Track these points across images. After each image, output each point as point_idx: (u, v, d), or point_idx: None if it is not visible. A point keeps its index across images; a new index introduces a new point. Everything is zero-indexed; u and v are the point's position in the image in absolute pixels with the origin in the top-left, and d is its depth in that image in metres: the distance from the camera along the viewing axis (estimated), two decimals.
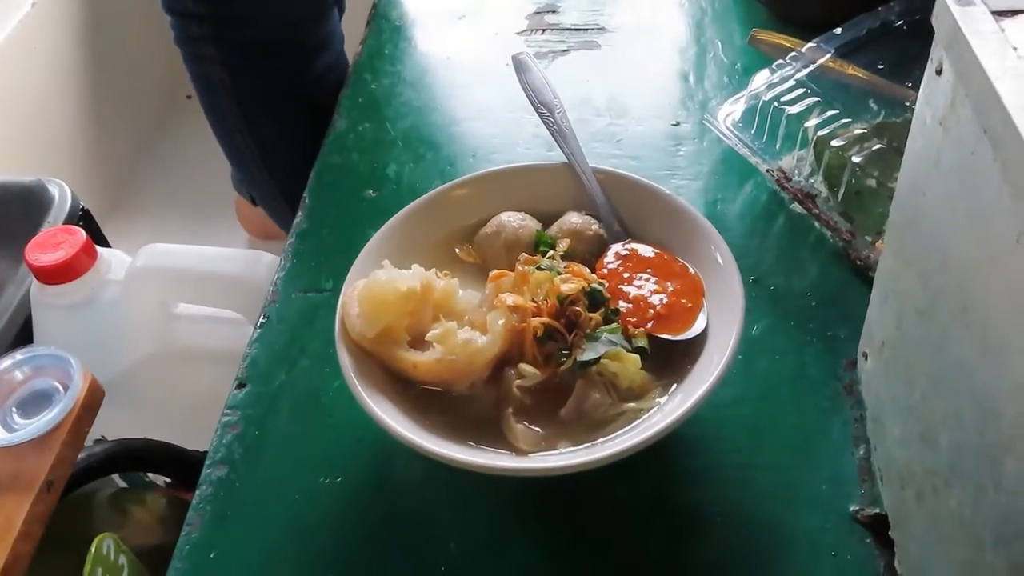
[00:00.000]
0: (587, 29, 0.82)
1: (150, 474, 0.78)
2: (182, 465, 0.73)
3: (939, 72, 0.33)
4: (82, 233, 0.71)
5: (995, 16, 0.31)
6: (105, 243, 0.89)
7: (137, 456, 0.70)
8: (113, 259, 0.73)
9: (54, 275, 0.69)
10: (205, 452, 0.75)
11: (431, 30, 0.84)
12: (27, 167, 1.15)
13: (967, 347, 0.31)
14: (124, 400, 0.67)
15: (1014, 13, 0.31)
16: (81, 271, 0.70)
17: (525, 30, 0.82)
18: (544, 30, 0.82)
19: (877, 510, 0.44)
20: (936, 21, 0.33)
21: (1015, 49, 0.30)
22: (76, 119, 1.40)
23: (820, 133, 0.55)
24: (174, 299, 0.76)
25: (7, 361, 0.59)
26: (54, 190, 0.81)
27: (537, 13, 0.84)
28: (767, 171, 0.59)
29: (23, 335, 0.74)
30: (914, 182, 0.38)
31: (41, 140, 1.31)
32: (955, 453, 0.33)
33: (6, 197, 0.78)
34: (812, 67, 0.59)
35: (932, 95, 0.35)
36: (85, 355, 0.60)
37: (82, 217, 0.84)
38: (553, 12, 0.84)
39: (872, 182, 0.56)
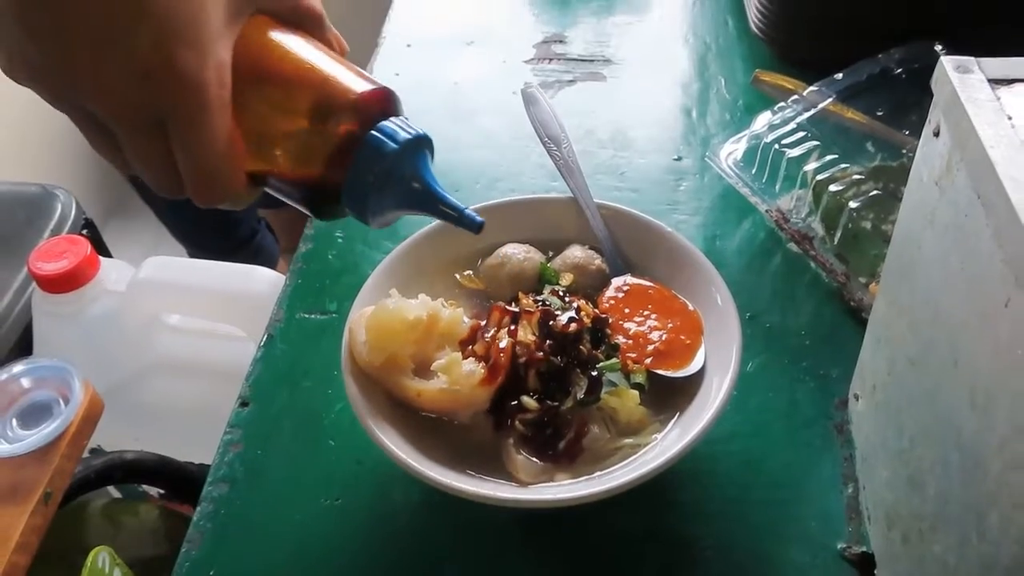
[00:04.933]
0: (593, 60, 0.83)
1: (143, 485, 0.79)
2: (176, 477, 0.74)
3: (936, 134, 0.35)
4: (86, 244, 0.72)
5: (992, 84, 0.33)
6: (106, 250, 0.90)
7: (132, 468, 0.71)
8: (115, 270, 0.74)
9: (56, 284, 0.70)
10: (199, 465, 0.75)
11: (439, 55, 0.85)
12: (29, 172, 1.15)
13: (956, 400, 0.33)
14: (120, 410, 0.68)
15: (1011, 82, 0.33)
16: (83, 281, 0.71)
17: (532, 59, 0.84)
18: (551, 59, 0.83)
19: (864, 549, 0.45)
20: (935, 85, 0.34)
21: (1010, 118, 0.31)
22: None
23: (819, 177, 0.56)
24: (174, 311, 0.76)
25: (8, 372, 0.60)
26: (58, 198, 0.82)
27: (545, 42, 0.86)
28: (766, 211, 0.61)
29: (23, 341, 0.74)
30: (909, 236, 0.39)
31: (44, 146, 1.32)
32: (941, 501, 0.34)
33: (10, 204, 0.79)
34: (813, 111, 0.61)
35: (929, 155, 0.36)
36: (83, 364, 0.61)
37: (85, 226, 0.85)
38: (560, 42, 0.86)
39: (868, 224, 0.57)
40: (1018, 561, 0.27)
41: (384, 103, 0.37)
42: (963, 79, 0.33)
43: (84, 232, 0.83)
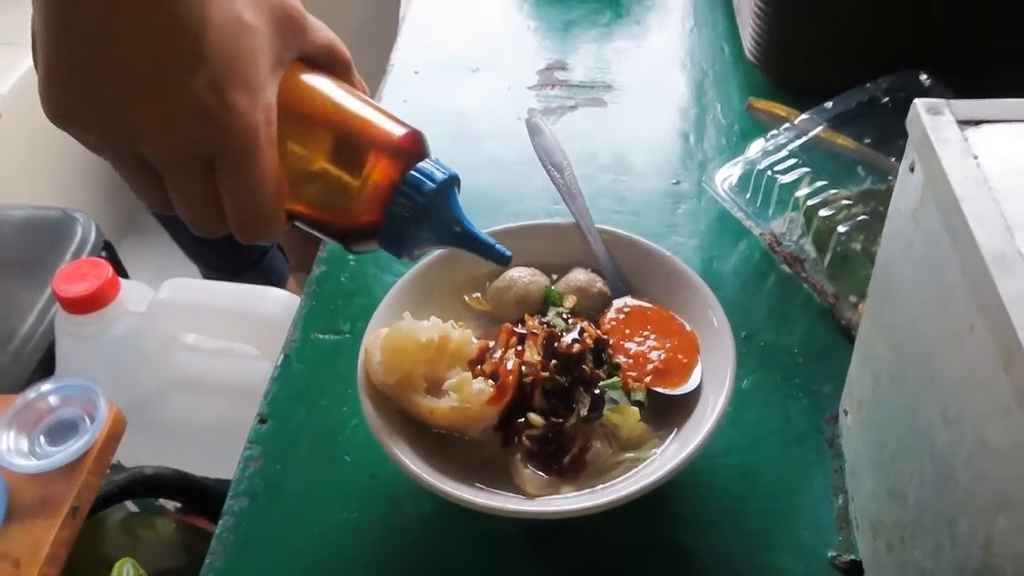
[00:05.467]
0: (594, 87, 0.86)
1: (161, 499, 0.81)
2: (194, 492, 0.76)
3: (912, 170, 0.38)
4: (107, 267, 0.75)
5: (960, 125, 0.36)
6: (123, 270, 0.93)
7: (153, 483, 0.73)
8: (134, 291, 0.77)
9: (80, 306, 0.73)
10: (216, 480, 0.78)
11: (446, 81, 0.88)
12: (43, 194, 1.19)
13: (931, 416, 0.35)
14: (138, 426, 0.71)
15: (978, 123, 0.36)
16: (105, 302, 0.74)
17: (536, 85, 0.87)
18: (554, 85, 0.87)
19: (853, 556, 0.47)
20: (910, 125, 0.37)
21: (976, 158, 0.34)
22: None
23: (809, 202, 0.59)
24: (191, 331, 0.79)
25: (37, 391, 0.63)
26: (78, 221, 0.85)
27: (548, 69, 0.89)
28: (760, 234, 0.63)
29: (47, 360, 0.77)
30: (890, 262, 0.42)
31: (56, 168, 1.35)
32: (919, 510, 0.36)
33: (34, 228, 0.82)
34: (804, 138, 0.64)
35: (906, 188, 0.39)
36: (104, 382, 0.64)
37: (104, 247, 0.88)
38: (563, 68, 0.89)
39: (857, 246, 0.60)
40: (984, 565, 0.30)
41: (416, 144, 0.40)
42: (934, 120, 0.36)
43: (103, 253, 0.86)
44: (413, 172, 0.39)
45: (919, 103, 0.37)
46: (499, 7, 0.98)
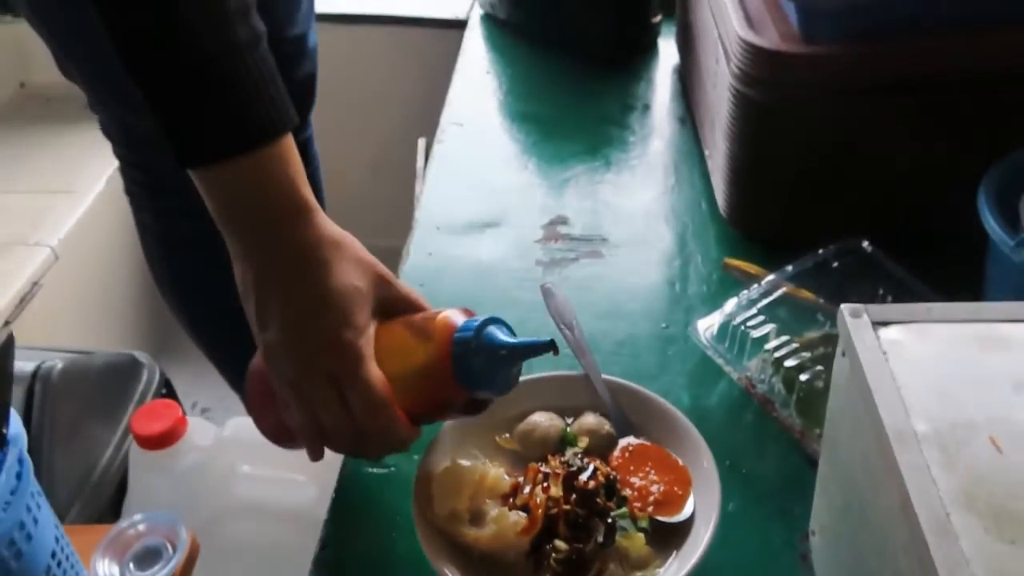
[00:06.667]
0: (592, 239, 1.00)
1: None
2: None
3: (843, 355, 0.51)
4: (177, 408, 0.86)
5: (874, 325, 0.49)
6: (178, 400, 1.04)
7: None
8: (199, 427, 0.88)
9: (154, 443, 0.84)
10: None
11: (464, 237, 1.02)
12: (94, 331, 1.32)
13: (868, 545, 0.47)
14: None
15: (887, 324, 0.49)
16: (176, 439, 0.85)
17: (541, 239, 1.01)
18: (557, 239, 1.01)
19: None
20: (839, 323, 0.50)
21: (884, 353, 0.47)
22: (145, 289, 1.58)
23: (776, 354, 0.72)
24: (248, 463, 0.90)
25: (129, 520, 0.73)
26: (143, 365, 0.97)
27: (551, 224, 1.03)
28: (737, 378, 0.76)
29: (120, 490, 0.87)
30: (833, 419, 0.54)
31: (109, 306, 1.48)
32: None
33: (111, 372, 0.94)
34: (771, 297, 0.77)
35: (839, 367, 0.52)
36: (171, 509, 0.74)
37: (164, 384, 0.99)
38: (564, 223, 1.03)
39: (820, 384, 0.73)
40: None
41: (461, 314, 0.58)
42: (854, 322, 0.49)
43: (164, 391, 0.97)
44: (456, 338, 0.56)
45: (844, 308, 0.50)
46: (507, 168, 1.14)
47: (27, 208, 1.41)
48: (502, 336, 0.58)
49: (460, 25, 1.44)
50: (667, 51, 1.30)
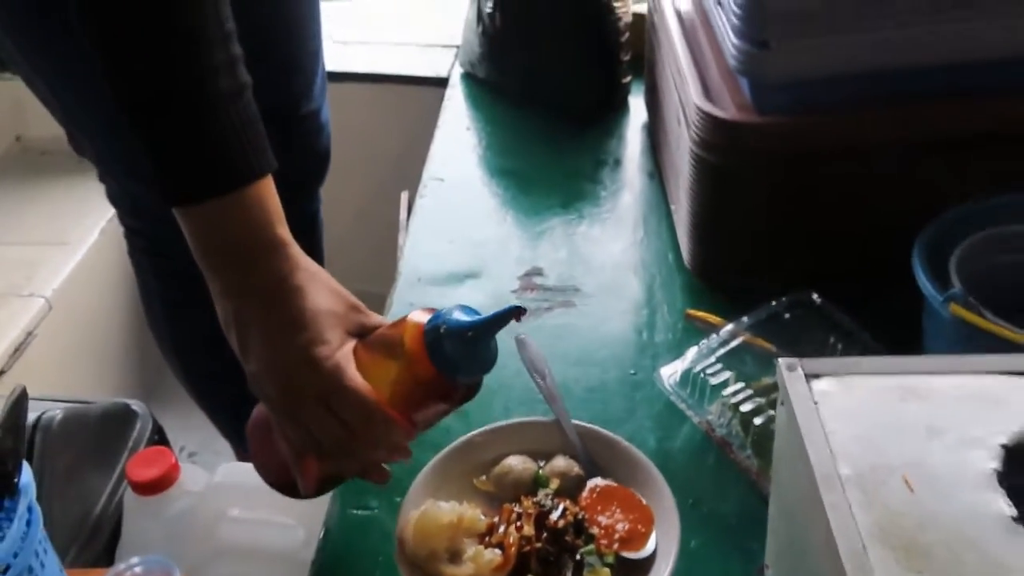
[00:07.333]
0: (565, 289, 1.06)
1: None
2: None
3: (782, 403, 0.56)
4: (171, 455, 0.90)
5: (807, 377, 0.55)
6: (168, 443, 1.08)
7: None
8: (191, 473, 0.92)
9: (149, 489, 0.88)
10: None
11: (444, 288, 1.08)
12: (84, 379, 1.36)
13: None
14: None
15: (818, 376, 0.55)
16: (169, 485, 0.89)
17: (518, 289, 1.07)
18: (533, 289, 1.06)
19: None
20: (778, 375, 0.56)
21: (816, 403, 0.53)
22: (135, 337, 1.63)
23: (733, 400, 0.78)
24: (239, 507, 0.94)
25: (127, 563, 0.77)
26: (137, 413, 1.01)
27: (527, 275, 1.09)
28: (698, 422, 0.82)
29: (114, 534, 0.91)
30: (779, 461, 0.60)
31: (100, 355, 1.53)
32: None
33: (108, 420, 0.98)
34: (729, 347, 0.83)
35: (782, 413, 0.57)
36: (162, 553, 0.78)
37: (157, 431, 1.04)
38: (539, 274, 1.09)
39: (773, 427, 0.78)
40: None
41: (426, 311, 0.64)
42: (790, 375, 0.55)
43: (156, 438, 1.01)
44: (427, 323, 0.62)
45: (782, 362, 0.56)
46: (486, 221, 1.20)
47: (22, 259, 1.46)
48: (468, 317, 0.62)
49: (442, 83, 1.52)
50: (637, 107, 1.37)
